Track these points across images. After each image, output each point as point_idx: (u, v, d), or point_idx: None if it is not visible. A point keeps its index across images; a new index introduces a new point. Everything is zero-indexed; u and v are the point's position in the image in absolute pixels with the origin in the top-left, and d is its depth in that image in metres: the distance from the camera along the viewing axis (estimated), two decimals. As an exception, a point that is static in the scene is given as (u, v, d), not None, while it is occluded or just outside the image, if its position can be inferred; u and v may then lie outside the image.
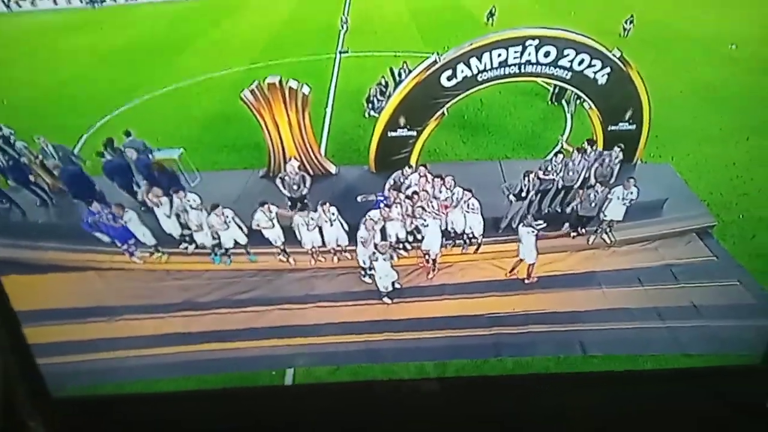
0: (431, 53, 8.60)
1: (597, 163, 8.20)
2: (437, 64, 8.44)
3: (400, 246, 8.13)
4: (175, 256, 8.47)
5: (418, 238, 7.84)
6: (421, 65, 8.67)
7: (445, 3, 27.17)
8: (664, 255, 8.25)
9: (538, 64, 8.46)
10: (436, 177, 7.85)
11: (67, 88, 17.11)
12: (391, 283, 7.37)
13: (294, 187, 8.30)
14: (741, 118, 12.43)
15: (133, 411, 1.53)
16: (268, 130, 9.25)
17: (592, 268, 8.09)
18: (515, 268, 7.79)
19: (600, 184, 7.80)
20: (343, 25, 22.23)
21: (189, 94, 16.09)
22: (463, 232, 7.96)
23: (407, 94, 8.81)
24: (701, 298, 7.33)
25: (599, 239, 8.42)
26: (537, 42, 8.20)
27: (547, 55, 8.34)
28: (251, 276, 8.23)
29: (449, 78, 8.57)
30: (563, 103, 13.49)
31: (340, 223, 7.75)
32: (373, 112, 13.11)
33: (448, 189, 7.74)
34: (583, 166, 8.19)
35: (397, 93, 9.04)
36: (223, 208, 7.60)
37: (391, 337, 7.04)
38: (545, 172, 8.10)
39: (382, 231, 7.56)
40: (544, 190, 8.35)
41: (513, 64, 8.47)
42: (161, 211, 7.80)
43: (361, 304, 7.60)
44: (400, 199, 7.60)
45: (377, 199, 7.83)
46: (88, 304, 7.73)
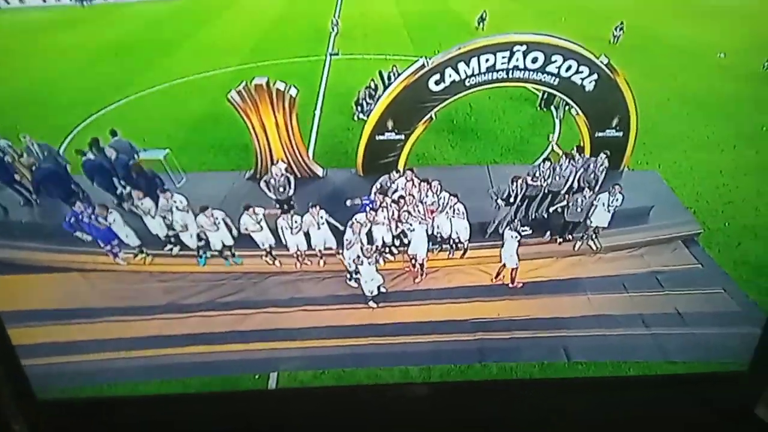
0: (421, 57, 8.59)
1: (582, 169, 8.24)
2: (425, 68, 8.45)
3: (387, 250, 8.09)
4: (160, 258, 8.36)
5: (405, 243, 7.81)
6: (409, 69, 8.67)
7: (435, 7, 27.29)
8: (649, 262, 8.29)
9: (525, 69, 8.49)
10: (422, 181, 7.83)
11: (54, 86, 16.85)
12: (377, 287, 7.34)
13: (280, 190, 8.23)
14: (728, 126, 12.62)
15: (117, 413, 1.55)
16: (255, 131, 9.15)
17: (577, 275, 8.10)
18: (500, 273, 7.78)
19: (588, 188, 7.83)
20: (334, 27, 22.21)
21: (177, 94, 15.91)
22: (450, 237, 7.94)
23: (395, 97, 8.78)
24: (686, 306, 7.36)
25: (585, 245, 8.43)
26: (525, 48, 8.25)
27: (534, 60, 8.38)
28: (236, 278, 8.14)
29: (437, 82, 8.57)
30: (552, 108, 13.52)
31: (329, 226, 7.70)
32: (362, 115, 13.04)
33: (434, 193, 7.71)
34: (570, 172, 8.22)
35: (385, 96, 9.00)
36: (213, 209, 7.53)
37: (376, 341, 7.00)
38: (533, 178, 8.12)
39: (368, 235, 7.52)
40: (531, 195, 8.35)
41: (501, 70, 8.50)
42: (144, 211, 7.71)
43: (347, 308, 7.55)
44: (387, 203, 7.57)
45: (363, 203, 7.79)
46: (72, 305, 7.63)
